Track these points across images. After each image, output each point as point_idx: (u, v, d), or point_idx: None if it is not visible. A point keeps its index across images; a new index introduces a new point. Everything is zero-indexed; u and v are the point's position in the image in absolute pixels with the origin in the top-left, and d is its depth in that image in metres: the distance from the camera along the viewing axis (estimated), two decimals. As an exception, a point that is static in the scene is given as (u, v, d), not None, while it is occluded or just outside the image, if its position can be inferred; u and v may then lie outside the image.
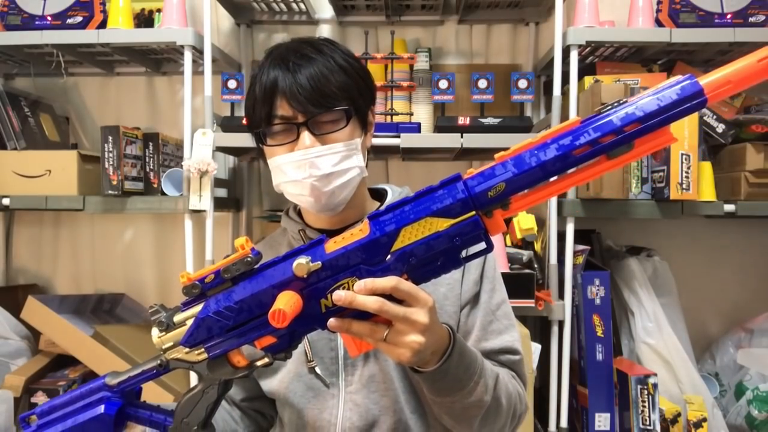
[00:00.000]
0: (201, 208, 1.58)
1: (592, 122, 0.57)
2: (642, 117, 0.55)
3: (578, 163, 0.58)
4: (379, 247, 0.62)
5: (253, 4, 1.86)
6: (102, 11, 1.68)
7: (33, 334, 1.79)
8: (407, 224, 0.61)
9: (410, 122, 1.64)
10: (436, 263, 0.62)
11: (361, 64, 0.89)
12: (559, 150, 0.57)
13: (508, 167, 0.59)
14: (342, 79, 0.83)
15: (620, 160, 0.57)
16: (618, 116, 0.56)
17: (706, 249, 1.90)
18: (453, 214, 0.60)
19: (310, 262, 0.62)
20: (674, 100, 0.55)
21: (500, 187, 0.59)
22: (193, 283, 0.65)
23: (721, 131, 1.60)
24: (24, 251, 2.06)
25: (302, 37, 0.89)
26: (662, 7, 1.59)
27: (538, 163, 0.58)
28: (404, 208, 0.62)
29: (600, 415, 1.53)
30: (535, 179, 0.58)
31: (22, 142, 1.72)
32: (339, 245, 0.63)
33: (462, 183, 0.61)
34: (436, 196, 0.61)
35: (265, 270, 0.65)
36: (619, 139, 0.56)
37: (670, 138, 0.57)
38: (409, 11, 1.89)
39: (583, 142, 0.56)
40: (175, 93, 2.01)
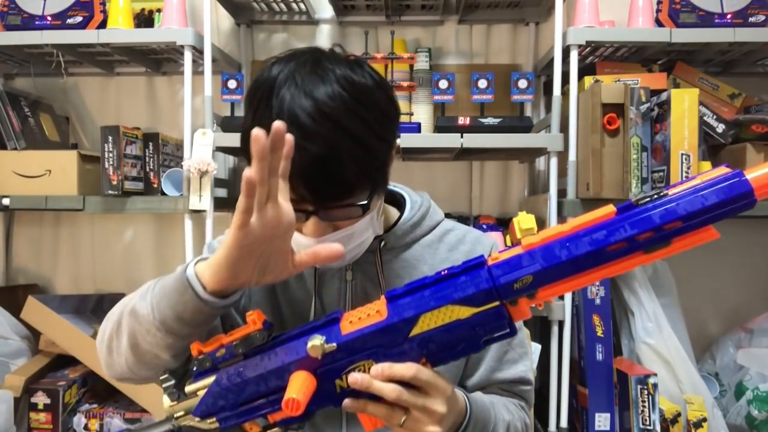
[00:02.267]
0: (201, 208, 1.58)
1: (629, 216, 0.53)
2: (684, 216, 0.52)
3: (612, 259, 0.54)
4: (396, 331, 0.59)
5: (253, 4, 1.86)
6: (102, 11, 1.68)
7: (33, 334, 1.79)
8: (427, 311, 0.59)
9: (410, 122, 1.64)
10: (456, 348, 0.60)
11: (383, 100, 0.72)
12: (592, 245, 0.54)
13: (537, 258, 0.55)
14: (362, 161, 0.68)
15: (656, 255, 0.54)
16: (658, 213, 0.52)
17: (706, 249, 1.88)
18: (476, 303, 0.58)
19: (324, 343, 0.60)
20: (720, 201, 0.51)
21: (527, 279, 0.56)
22: (205, 356, 0.64)
23: (721, 131, 1.60)
24: (24, 251, 2.06)
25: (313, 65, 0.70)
26: (662, 7, 1.59)
27: (568, 257, 0.54)
28: (424, 293, 0.59)
29: (600, 415, 1.53)
30: (565, 273, 0.55)
31: (22, 142, 1.72)
32: (355, 326, 0.61)
33: (486, 271, 0.58)
34: (458, 283, 0.58)
35: (278, 345, 0.63)
36: (657, 237, 0.53)
37: (712, 234, 0.53)
38: (409, 11, 1.89)
39: (618, 238, 0.53)
40: (175, 93, 2.01)
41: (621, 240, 0.53)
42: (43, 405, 1.65)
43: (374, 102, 0.70)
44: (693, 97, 1.43)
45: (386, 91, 0.74)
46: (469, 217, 1.84)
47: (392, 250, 0.84)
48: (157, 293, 0.67)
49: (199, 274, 0.63)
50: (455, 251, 0.87)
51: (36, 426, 1.65)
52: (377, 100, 0.71)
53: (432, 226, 0.88)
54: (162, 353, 0.67)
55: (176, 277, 0.65)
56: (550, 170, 1.56)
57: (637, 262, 0.54)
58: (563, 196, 1.56)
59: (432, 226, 0.88)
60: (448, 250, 0.87)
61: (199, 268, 0.64)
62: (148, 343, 0.67)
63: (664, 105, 1.46)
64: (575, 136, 1.54)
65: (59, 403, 1.64)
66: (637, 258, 0.54)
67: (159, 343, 0.66)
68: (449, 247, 0.87)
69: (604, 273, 0.55)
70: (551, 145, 1.54)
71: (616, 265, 0.55)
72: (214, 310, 0.64)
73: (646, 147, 1.52)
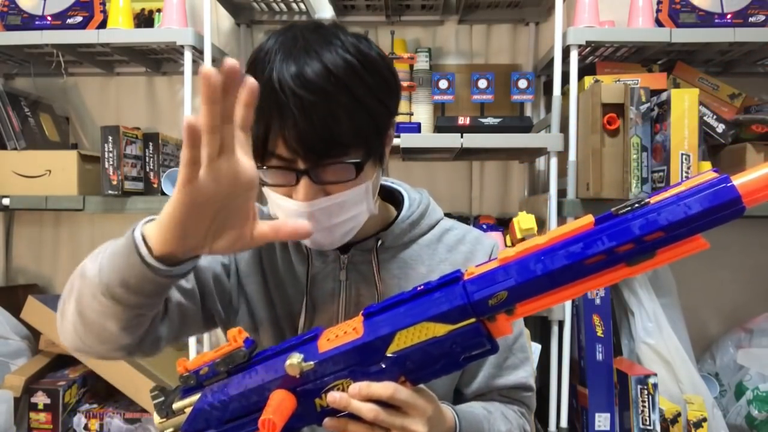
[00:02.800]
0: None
1: (607, 228, 0.50)
2: (665, 226, 0.48)
3: (590, 273, 0.51)
4: (373, 349, 0.58)
5: (253, 4, 1.86)
6: (102, 11, 1.68)
7: (33, 334, 1.79)
8: (402, 328, 0.57)
9: (410, 122, 1.65)
10: (434, 366, 0.58)
11: (382, 69, 0.70)
12: (568, 258, 0.51)
13: (511, 273, 0.53)
14: (357, 119, 0.66)
15: (640, 267, 0.51)
16: (638, 223, 0.49)
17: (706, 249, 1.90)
18: (451, 319, 0.55)
19: (302, 361, 0.59)
20: (705, 209, 0.47)
21: (502, 295, 0.53)
22: (189, 374, 0.64)
23: (721, 131, 1.60)
24: (24, 251, 2.06)
25: (316, 29, 0.70)
26: (662, 7, 1.59)
27: (543, 271, 0.51)
28: (399, 309, 0.58)
29: (600, 415, 1.53)
30: (541, 288, 0.52)
31: (22, 142, 1.72)
32: (333, 344, 0.60)
33: (461, 286, 0.56)
34: (433, 299, 0.57)
35: (259, 363, 0.63)
36: (638, 249, 0.49)
37: (700, 244, 0.49)
38: (409, 11, 1.90)
39: (596, 251, 0.50)
40: (175, 93, 2.01)
41: (599, 252, 0.50)
42: (43, 405, 1.65)
43: (377, 70, 0.69)
44: (693, 97, 1.43)
45: (390, 65, 0.73)
46: (469, 217, 1.84)
47: (389, 249, 0.81)
48: (106, 255, 0.62)
49: (147, 236, 0.59)
50: (454, 252, 0.84)
51: (36, 426, 1.65)
52: (380, 69, 0.70)
53: (431, 225, 0.85)
54: (107, 323, 0.63)
55: (124, 240, 0.60)
56: (550, 170, 1.56)
57: (621, 275, 0.51)
58: (563, 196, 1.56)
59: (431, 225, 0.85)
60: (447, 250, 0.84)
61: (147, 229, 0.59)
62: (94, 310, 0.62)
63: (664, 105, 1.46)
64: (575, 136, 1.54)
65: (59, 403, 1.64)
66: (620, 271, 0.51)
67: (104, 310, 0.61)
68: (448, 248, 0.84)
69: (586, 287, 0.52)
70: (551, 145, 1.54)
71: (597, 279, 0.52)
72: (162, 279, 0.59)
73: (646, 147, 1.52)
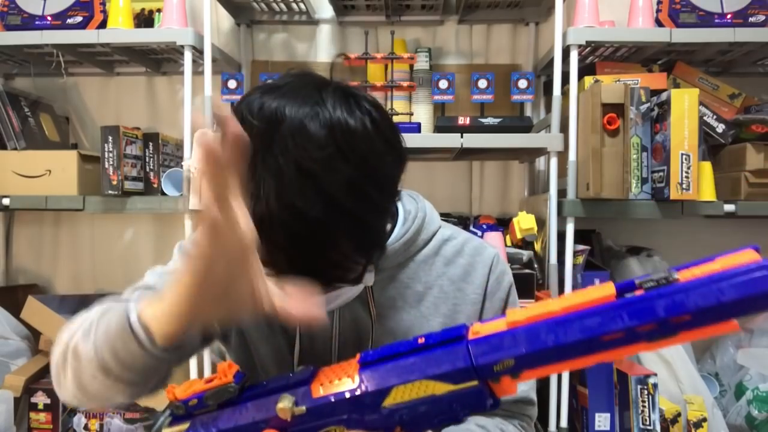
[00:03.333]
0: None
1: (629, 304, 0.46)
2: (694, 311, 0.43)
3: (606, 348, 0.47)
4: (368, 401, 0.56)
5: (253, 4, 1.86)
6: (102, 11, 1.68)
7: (33, 334, 1.79)
8: (399, 384, 0.55)
9: (410, 122, 1.64)
10: (432, 421, 0.56)
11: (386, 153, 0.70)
12: (583, 333, 0.47)
13: (520, 340, 0.50)
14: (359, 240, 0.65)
15: (659, 344, 0.47)
16: (663, 304, 0.44)
17: (706, 249, 1.89)
18: (452, 380, 0.53)
19: (294, 405, 0.58)
20: (740, 298, 0.42)
21: (508, 363, 0.50)
22: (179, 404, 0.63)
23: (721, 131, 1.60)
24: (24, 251, 2.06)
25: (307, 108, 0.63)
26: (662, 7, 1.59)
27: (555, 343, 0.48)
28: (398, 362, 0.55)
29: (600, 415, 1.53)
30: (551, 359, 0.49)
31: (22, 142, 1.72)
32: (326, 391, 0.58)
33: (465, 347, 0.52)
34: (433, 356, 0.54)
35: (250, 400, 0.62)
36: (661, 329, 0.45)
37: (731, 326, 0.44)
38: (409, 11, 1.89)
39: (615, 328, 0.46)
40: (175, 93, 2.01)
41: (618, 330, 0.46)
42: (43, 405, 1.65)
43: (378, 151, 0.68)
44: (693, 97, 1.43)
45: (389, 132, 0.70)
46: (469, 217, 1.84)
47: (384, 270, 0.78)
48: (101, 335, 0.59)
49: (146, 322, 0.56)
50: (452, 265, 0.81)
51: (36, 426, 1.65)
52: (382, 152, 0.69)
53: (427, 240, 0.81)
54: (113, 397, 0.61)
55: (119, 321, 0.57)
56: (550, 170, 1.56)
57: (637, 350, 0.48)
58: (563, 196, 1.56)
59: (427, 240, 0.81)
60: (445, 264, 0.81)
61: (147, 314, 0.57)
62: (96, 388, 0.60)
63: (664, 105, 1.46)
64: (575, 136, 1.54)
65: (59, 403, 1.64)
66: (637, 346, 0.47)
67: (107, 388, 0.60)
68: (446, 261, 0.81)
69: (597, 359, 0.49)
70: (551, 145, 1.54)
71: (611, 353, 0.48)
72: (170, 359, 0.59)
73: (646, 147, 1.52)
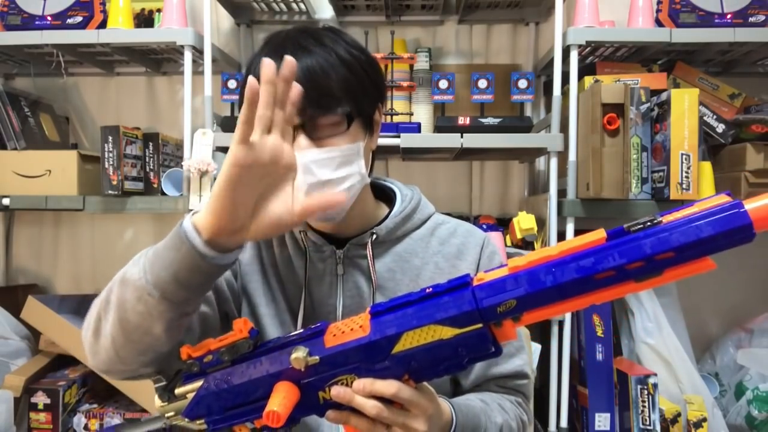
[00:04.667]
0: (201, 208, 1.58)
1: (618, 244, 0.51)
2: (677, 247, 0.49)
3: (599, 287, 0.52)
4: (379, 348, 0.59)
5: (253, 4, 1.86)
6: (102, 11, 1.68)
7: (33, 334, 1.79)
8: (409, 329, 0.58)
9: (410, 122, 1.64)
10: (438, 367, 0.59)
11: (368, 56, 0.80)
12: (578, 272, 0.52)
13: (521, 282, 0.54)
14: (344, 75, 0.75)
15: (647, 284, 0.52)
16: (650, 242, 0.50)
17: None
18: (458, 324, 0.57)
19: (308, 355, 0.60)
20: (716, 233, 0.48)
21: (511, 303, 0.55)
22: (193, 361, 0.65)
23: (721, 131, 1.60)
24: (24, 251, 2.06)
25: (303, 26, 0.81)
26: (662, 7, 1.59)
27: (553, 283, 0.53)
28: (407, 311, 0.59)
29: (600, 415, 1.53)
30: (549, 299, 0.53)
31: (22, 142, 1.72)
32: (339, 340, 0.61)
33: (470, 292, 0.56)
34: (441, 303, 0.58)
35: (264, 354, 0.64)
36: (648, 267, 0.50)
37: (708, 265, 0.50)
38: (409, 11, 1.89)
39: (606, 266, 0.51)
40: (175, 93, 2.01)
41: (609, 268, 0.51)
42: (43, 405, 1.65)
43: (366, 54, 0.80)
44: (693, 97, 1.43)
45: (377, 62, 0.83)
46: (469, 217, 1.84)
47: (384, 243, 0.85)
48: (150, 256, 0.65)
49: (196, 224, 0.62)
50: (447, 244, 0.87)
51: (36, 426, 1.65)
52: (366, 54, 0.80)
53: (423, 220, 0.88)
54: (153, 325, 0.64)
55: (172, 234, 0.64)
56: (550, 170, 1.56)
57: (627, 290, 0.52)
58: (563, 196, 1.56)
59: (423, 220, 0.88)
60: (440, 243, 0.87)
61: (196, 218, 0.63)
62: (139, 313, 0.63)
63: (664, 105, 1.46)
64: (575, 136, 1.54)
65: (59, 403, 1.64)
66: (627, 286, 0.52)
67: (151, 311, 0.63)
68: (441, 241, 0.88)
69: (592, 299, 0.54)
70: (551, 145, 1.54)
71: (605, 292, 0.53)
72: (212, 268, 0.62)
73: (646, 147, 1.52)
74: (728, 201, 0.49)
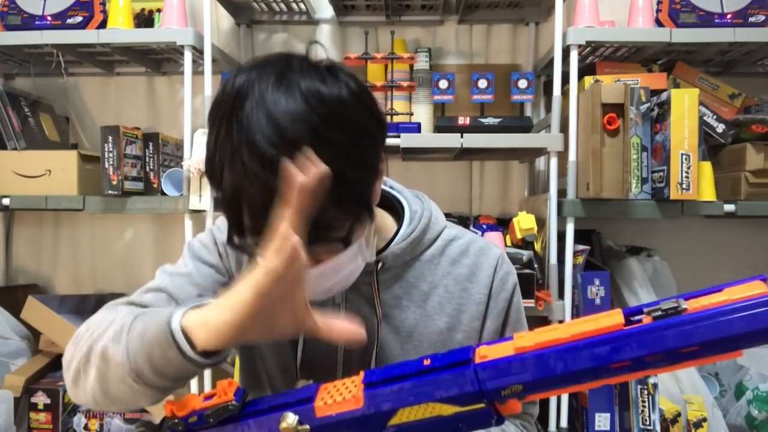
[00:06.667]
0: (201, 208, 1.58)
1: (638, 333, 0.46)
2: (703, 342, 0.44)
3: (611, 375, 0.48)
4: (372, 422, 0.56)
5: (253, 4, 1.86)
6: (102, 11, 1.68)
7: (33, 334, 1.79)
8: (405, 406, 0.55)
9: (410, 122, 1.64)
10: None
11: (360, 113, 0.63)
12: (592, 361, 0.48)
13: (528, 367, 0.50)
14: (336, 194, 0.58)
15: (663, 370, 0.48)
16: (672, 334, 0.45)
17: (706, 249, 1.90)
18: (459, 402, 0.53)
19: (297, 424, 0.58)
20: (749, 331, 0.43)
21: (517, 388, 0.51)
22: (178, 420, 0.63)
23: (721, 131, 1.60)
24: (24, 251, 2.06)
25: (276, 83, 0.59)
26: (662, 7, 1.59)
27: (564, 371, 0.49)
28: (403, 385, 0.55)
29: (600, 415, 1.53)
30: (558, 384, 0.50)
31: (22, 142, 1.72)
32: (330, 410, 0.58)
33: (472, 371, 0.52)
34: (440, 380, 0.54)
35: (251, 417, 0.61)
36: (667, 359, 0.46)
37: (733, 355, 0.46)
38: (409, 11, 1.89)
39: (623, 357, 0.47)
40: (175, 93, 2.01)
41: (626, 359, 0.47)
42: (43, 405, 1.65)
43: (348, 119, 0.61)
44: (693, 97, 1.43)
45: (365, 102, 0.65)
46: (469, 217, 1.84)
47: (390, 269, 0.79)
48: (134, 339, 0.59)
49: (189, 332, 0.57)
50: (458, 265, 0.81)
51: (36, 426, 1.65)
52: (352, 117, 0.62)
53: (433, 239, 0.82)
54: (138, 401, 0.62)
55: (158, 327, 0.58)
56: (550, 170, 1.56)
57: (641, 375, 0.49)
58: (563, 196, 1.56)
59: (433, 239, 0.82)
60: (450, 263, 0.81)
61: (190, 323, 0.58)
62: (122, 392, 0.61)
63: (664, 105, 1.46)
64: (575, 136, 1.54)
65: (59, 403, 1.64)
66: (641, 373, 0.48)
67: (135, 393, 0.61)
68: (451, 261, 0.82)
69: (601, 383, 0.50)
70: (551, 145, 1.54)
71: (617, 379, 0.49)
72: (203, 367, 0.59)
73: (646, 147, 1.52)
74: (764, 293, 0.44)
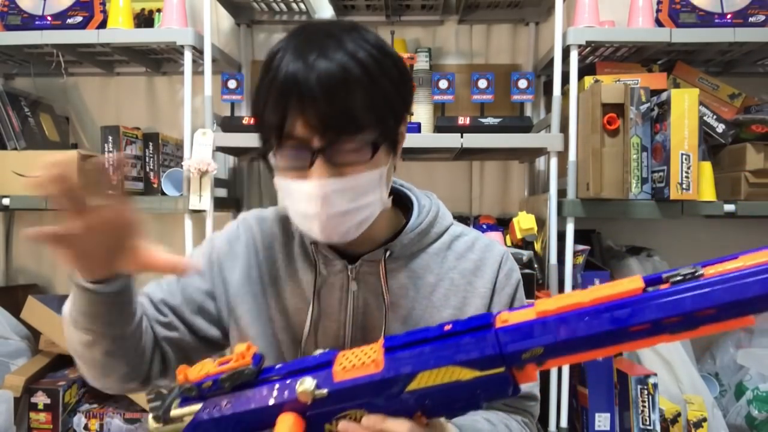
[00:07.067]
0: (201, 208, 1.58)
1: (657, 297, 0.48)
2: (720, 305, 0.46)
3: (630, 339, 0.49)
4: (392, 386, 0.56)
5: (253, 4, 1.86)
6: (102, 11, 1.68)
7: (33, 334, 1.79)
8: (425, 369, 0.55)
9: (410, 122, 1.64)
10: (453, 406, 0.57)
11: (395, 60, 0.72)
12: (613, 323, 0.49)
13: (550, 329, 0.51)
14: (369, 92, 0.67)
15: (680, 336, 0.49)
16: (690, 297, 0.46)
17: (706, 249, 1.90)
18: (479, 366, 0.53)
19: (315, 388, 0.58)
20: (763, 294, 0.44)
21: (537, 351, 0.51)
22: (191, 386, 0.62)
23: (721, 131, 1.60)
24: (24, 251, 2.06)
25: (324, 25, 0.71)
26: (662, 7, 1.59)
27: (586, 333, 0.49)
28: (424, 349, 0.56)
29: (600, 415, 1.53)
30: (579, 348, 0.50)
31: (22, 142, 1.72)
32: (349, 374, 0.58)
33: (493, 335, 0.53)
34: (461, 343, 0.54)
35: (268, 382, 0.61)
36: (685, 322, 0.47)
37: (747, 320, 0.46)
38: (409, 11, 1.90)
39: (643, 319, 0.48)
40: (175, 93, 2.01)
41: (645, 322, 0.48)
42: (43, 405, 1.65)
43: (394, 61, 0.72)
44: (693, 97, 1.43)
45: (404, 63, 0.76)
46: (469, 217, 1.84)
47: (398, 259, 0.81)
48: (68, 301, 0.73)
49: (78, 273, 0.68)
50: (464, 259, 0.83)
51: (36, 426, 1.65)
52: (396, 62, 0.73)
53: (440, 233, 0.84)
54: (91, 352, 0.72)
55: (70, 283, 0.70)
56: (550, 170, 1.56)
57: (659, 341, 0.50)
58: (563, 196, 1.56)
59: (440, 233, 0.84)
60: (456, 258, 0.83)
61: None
62: (77, 343, 0.72)
63: (664, 105, 1.46)
64: (575, 136, 1.54)
65: (59, 403, 1.64)
66: (659, 338, 0.49)
67: (81, 340, 0.71)
68: (457, 255, 0.84)
69: (621, 349, 0.51)
70: (551, 145, 1.54)
71: (635, 344, 0.50)
72: (102, 297, 0.67)
73: (646, 147, 1.52)
74: None
